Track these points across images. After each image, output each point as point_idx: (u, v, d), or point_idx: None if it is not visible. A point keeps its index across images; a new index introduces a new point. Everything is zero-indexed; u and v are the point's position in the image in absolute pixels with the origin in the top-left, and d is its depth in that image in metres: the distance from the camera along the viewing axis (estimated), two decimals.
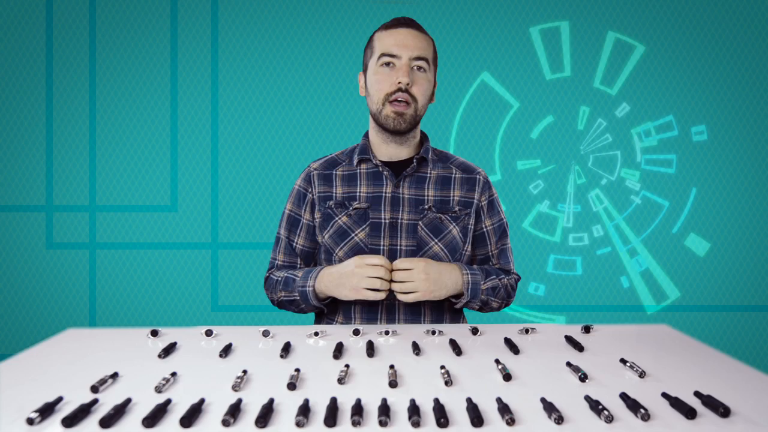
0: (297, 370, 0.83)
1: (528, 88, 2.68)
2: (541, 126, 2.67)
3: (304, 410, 0.68)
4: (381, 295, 1.18)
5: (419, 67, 1.25)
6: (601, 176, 2.65)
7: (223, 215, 2.65)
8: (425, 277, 1.17)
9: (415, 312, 1.28)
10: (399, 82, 1.22)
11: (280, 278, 1.32)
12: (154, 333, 1.08)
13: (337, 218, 1.30)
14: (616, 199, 2.67)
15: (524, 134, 2.68)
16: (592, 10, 2.65)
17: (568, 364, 0.88)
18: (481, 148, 2.68)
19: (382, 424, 0.66)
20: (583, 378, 0.82)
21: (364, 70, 1.32)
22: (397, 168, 1.33)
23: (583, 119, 2.65)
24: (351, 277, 1.17)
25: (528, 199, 2.68)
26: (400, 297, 1.19)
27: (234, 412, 0.68)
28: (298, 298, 1.27)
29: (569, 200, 2.64)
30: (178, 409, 0.71)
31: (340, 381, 0.81)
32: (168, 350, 0.96)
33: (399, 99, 1.23)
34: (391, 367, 0.85)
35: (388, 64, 1.24)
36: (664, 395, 0.75)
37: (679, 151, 2.65)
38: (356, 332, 1.08)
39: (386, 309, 1.28)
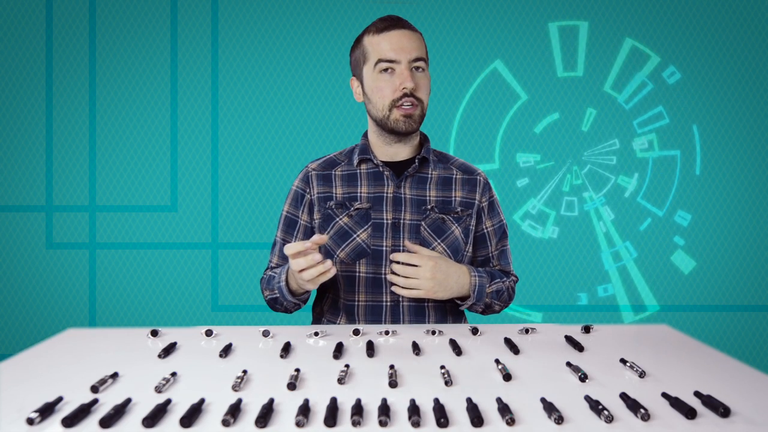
0: (297, 370, 0.83)
1: (538, 82, 2.67)
2: (546, 122, 2.67)
3: (304, 410, 0.68)
4: (330, 267, 1.07)
5: (418, 68, 1.23)
6: (587, 188, 2.65)
7: (223, 215, 2.65)
8: (431, 277, 1.16)
9: (420, 313, 1.28)
10: (404, 88, 1.21)
11: (266, 277, 1.34)
12: (154, 333, 1.08)
13: (338, 219, 1.29)
14: (610, 206, 2.67)
15: (528, 128, 2.68)
16: (613, 13, 2.64)
17: (568, 364, 0.88)
18: (483, 135, 2.68)
19: (382, 424, 0.66)
20: (583, 378, 0.82)
21: (357, 76, 1.30)
22: (397, 168, 1.32)
23: (588, 121, 2.65)
24: (295, 275, 1.11)
25: (523, 193, 2.68)
26: (400, 291, 1.18)
27: (234, 412, 0.68)
28: (278, 295, 1.27)
29: (545, 192, 2.63)
30: (178, 409, 0.71)
31: (340, 381, 0.81)
32: (168, 350, 0.96)
33: (406, 104, 1.22)
34: (391, 367, 0.85)
35: (387, 69, 1.22)
36: (664, 395, 0.75)
37: (663, 100, 2.65)
38: (356, 332, 1.08)
39: (391, 310, 1.27)
